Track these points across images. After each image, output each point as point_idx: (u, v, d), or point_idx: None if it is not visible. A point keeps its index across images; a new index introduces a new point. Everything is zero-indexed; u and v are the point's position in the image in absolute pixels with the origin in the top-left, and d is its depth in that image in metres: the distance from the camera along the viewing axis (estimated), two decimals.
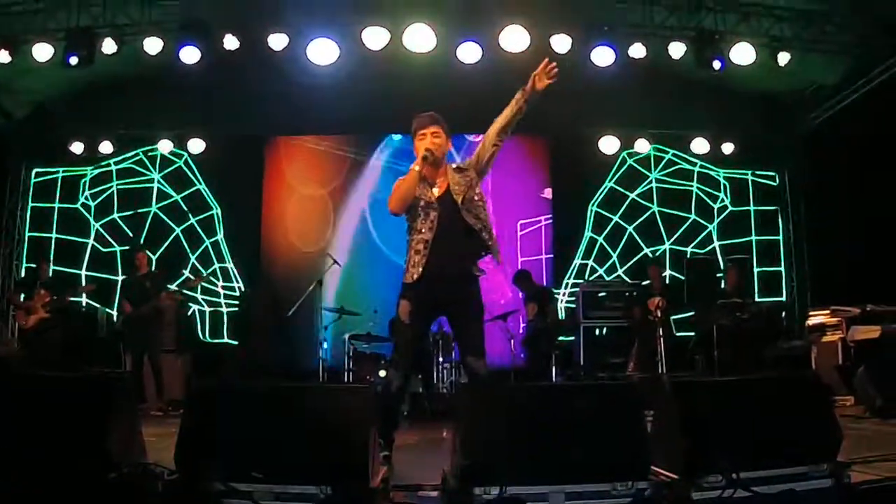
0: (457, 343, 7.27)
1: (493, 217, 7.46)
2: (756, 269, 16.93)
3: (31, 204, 17.09)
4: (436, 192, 6.58)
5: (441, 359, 13.57)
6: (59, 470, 4.54)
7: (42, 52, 13.11)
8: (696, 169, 17.49)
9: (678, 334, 14.36)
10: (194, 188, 17.20)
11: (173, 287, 14.19)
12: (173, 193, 17.15)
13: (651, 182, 17.49)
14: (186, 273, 16.36)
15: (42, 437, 4.70)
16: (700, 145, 16.87)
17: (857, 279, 13.22)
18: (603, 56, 13.53)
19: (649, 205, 17.39)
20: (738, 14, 13.73)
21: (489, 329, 13.25)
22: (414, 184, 6.44)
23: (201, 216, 17.12)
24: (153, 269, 14.37)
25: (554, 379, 13.72)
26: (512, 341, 13.74)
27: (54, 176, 17.16)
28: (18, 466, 4.55)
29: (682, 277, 14.56)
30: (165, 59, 13.41)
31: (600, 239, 17.25)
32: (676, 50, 13.68)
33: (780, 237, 17.53)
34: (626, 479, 4.60)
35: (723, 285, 13.88)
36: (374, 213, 16.86)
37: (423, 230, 6.49)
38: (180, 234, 16.99)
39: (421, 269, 6.42)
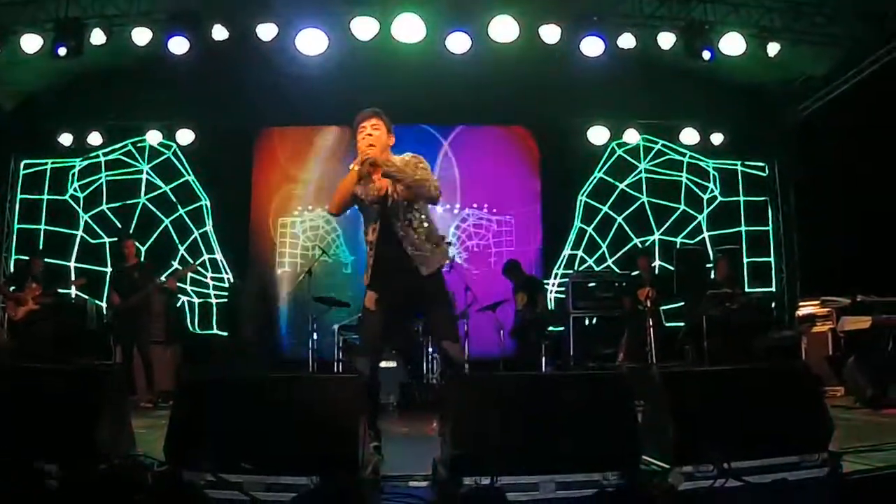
0: (431, 334, 7.34)
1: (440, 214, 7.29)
2: (746, 260, 16.96)
3: (19, 196, 16.99)
4: (375, 192, 6.51)
5: (431, 349, 13.54)
6: (49, 461, 4.53)
7: (31, 43, 13.07)
8: (686, 159, 17.46)
9: (668, 324, 14.42)
10: (183, 179, 17.12)
11: (163, 278, 14.14)
12: (162, 185, 17.07)
13: (640, 172, 17.47)
14: (175, 264, 16.32)
15: (32, 429, 4.69)
16: (689, 136, 16.83)
17: (847, 269, 13.23)
18: (592, 46, 13.54)
19: (638, 195, 17.37)
20: (728, 4, 13.73)
21: (479, 318, 13.33)
22: (350, 184, 6.43)
23: (190, 207, 17.05)
24: (142, 259, 14.34)
25: (543, 369, 13.75)
26: (501, 331, 13.75)
27: (43, 167, 17.07)
28: (8, 458, 4.53)
29: (672, 268, 14.59)
30: (154, 49, 13.40)
31: (590, 229, 17.24)
32: (666, 40, 13.69)
33: (770, 227, 17.53)
34: (617, 469, 4.60)
35: (713, 276, 13.91)
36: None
37: (370, 232, 6.57)
38: (169, 226, 16.92)
39: (371, 272, 6.53)
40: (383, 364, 10.28)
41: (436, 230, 6.64)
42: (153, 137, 16.62)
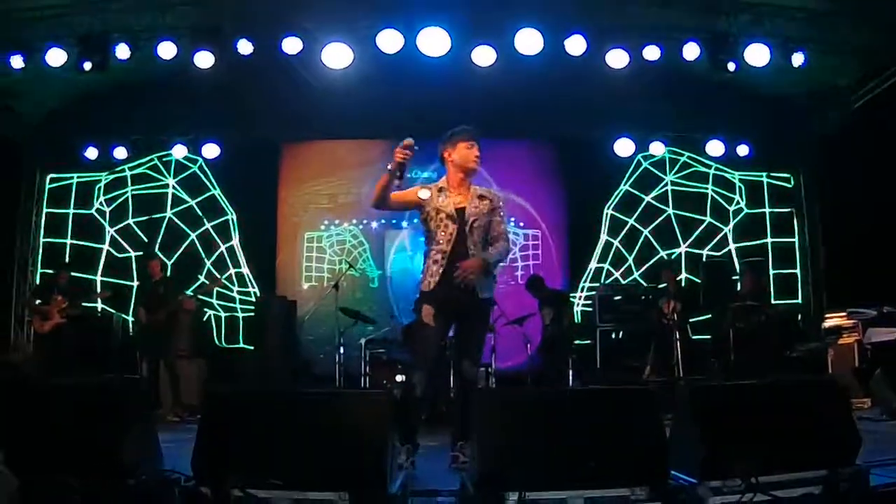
0: (457, 347, 7.38)
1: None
2: (772, 272, 16.85)
3: (45, 210, 17.06)
4: (453, 205, 6.83)
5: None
6: (75, 476, 4.54)
7: (56, 57, 13.12)
8: (712, 171, 17.38)
9: (695, 337, 14.31)
10: (209, 193, 17.16)
11: (189, 292, 14.17)
12: (188, 199, 17.12)
13: (666, 185, 17.39)
14: (202, 278, 16.36)
15: (59, 444, 4.70)
16: (715, 147, 16.77)
17: (873, 281, 13.14)
18: (617, 58, 13.52)
19: (664, 207, 17.30)
20: (752, 15, 13.68)
21: (507, 333, 13.28)
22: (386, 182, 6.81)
23: (216, 221, 17.07)
24: (167, 274, 14.40)
25: (570, 383, 13.70)
26: (528, 345, 13.71)
27: (69, 182, 17.15)
28: (34, 472, 4.54)
29: (699, 280, 14.53)
30: (179, 63, 13.44)
31: (616, 242, 17.18)
32: (691, 52, 13.64)
33: (796, 239, 17.40)
34: (645, 484, 4.59)
35: (739, 288, 13.84)
36: (389, 217, 16.78)
37: (441, 241, 6.77)
38: (195, 240, 16.96)
39: (438, 279, 6.71)
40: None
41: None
42: (179, 151, 16.65)
